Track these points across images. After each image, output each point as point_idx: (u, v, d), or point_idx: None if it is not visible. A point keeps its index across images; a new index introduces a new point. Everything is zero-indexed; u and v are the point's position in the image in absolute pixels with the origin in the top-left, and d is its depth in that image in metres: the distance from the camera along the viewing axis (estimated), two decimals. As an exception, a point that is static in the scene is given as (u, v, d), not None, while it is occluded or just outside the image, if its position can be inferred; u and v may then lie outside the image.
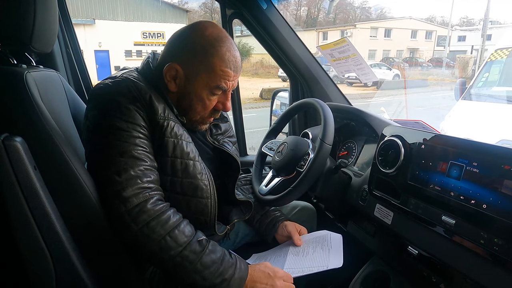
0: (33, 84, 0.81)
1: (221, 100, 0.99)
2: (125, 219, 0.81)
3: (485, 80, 4.19)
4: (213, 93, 0.96)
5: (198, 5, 32.28)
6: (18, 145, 0.71)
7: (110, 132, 0.84)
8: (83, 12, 17.35)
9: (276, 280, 0.91)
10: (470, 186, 0.80)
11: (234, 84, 0.98)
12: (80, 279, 0.79)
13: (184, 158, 0.92)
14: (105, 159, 0.83)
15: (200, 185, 0.95)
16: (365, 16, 39.03)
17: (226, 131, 1.16)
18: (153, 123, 0.89)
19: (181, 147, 0.92)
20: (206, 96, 0.96)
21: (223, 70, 0.93)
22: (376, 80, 1.87)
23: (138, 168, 0.84)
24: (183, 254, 0.83)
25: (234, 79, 0.97)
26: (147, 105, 0.88)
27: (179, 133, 0.92)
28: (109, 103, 0.86)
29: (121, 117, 0.84)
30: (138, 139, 0.86)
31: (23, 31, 0.81)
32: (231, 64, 0.94)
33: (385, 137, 1.06)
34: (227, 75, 0.94)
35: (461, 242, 0.81)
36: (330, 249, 1.06)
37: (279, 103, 2.02)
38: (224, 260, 0.88)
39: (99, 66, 16.23)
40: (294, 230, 1.13)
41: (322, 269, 0.97)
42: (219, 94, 0.97)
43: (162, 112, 0.90)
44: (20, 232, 0.73)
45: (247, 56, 24.50)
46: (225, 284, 0.85)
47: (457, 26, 36.09)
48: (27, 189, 0.72)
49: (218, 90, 0.96)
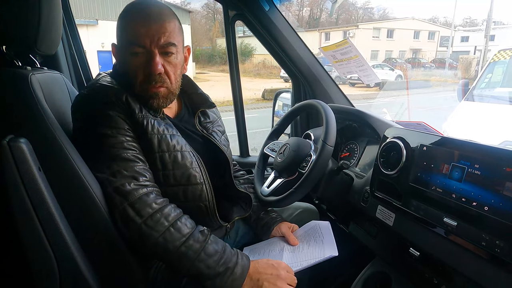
0: (37, 86, 0.82)
1: (147, 61, 0.91)
2: (129, 213, 0.83)
3: (488, 81, 4.18)
4: (132, 52, 0.91)
5: (201, 5, 32.37)
6: (23, 146, 0.72)
7: (97, 141, 0.87)
8: (86, 13, 17.41)
9: (280, 270, 0.93)
10: (472, 188, 0.80)
11: (155, 40, 0.89)
12: (84, 279, 0.80)
13: (171, 151, 0.95)
14: (98, 166, 0.86)
15: (192, 173, 0.98)
16: (368, 17, 38.99)
17: (215, 120, 1.17)
18: (134, 124, 0.91)
19: (166, 141, 0.94)
20: (128, 59, 0.92)
21: (129, 23, 0.91)
22: (378, 82, 1.87)
23: (132, 169, 0.87)
24: (187, 244, 0.86)
25: (149, 33, 0.89)
26: (125, 107, 0.91)
27: (161, 129, 0.95)
28: (90, 113, 0.89)
29: (104, 124, 0.87)
30: (125, 143, 0.89)
31: (28, 33, 0.82)
32: (134, 16, 0.91)
33: (387, 139, 1.06)
34: (135, 29, 0.89)
35: (463, 244, 0.81)
36: (323, 239, 1.08)
37: (281, 104, 2.02)
38: (227, 250, 0.91)
39: (102, 66, 16.26)
40: (288, 231, 1.14)
41: (319, 260, 0.99)
42: (141, 53, 0.91)
43: (140, 111, 0.92)
44: (25, 232, 0.74)
45: (249, 57, 24.51)
46: (229, 272, 0.87)
47: (460, 27, 35.98)
48: (32, 189, 0.73)
49: (134, 47, 0.90)
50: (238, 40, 1.69)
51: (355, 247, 1.21)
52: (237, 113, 1.79)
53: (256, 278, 0.90)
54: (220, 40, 27.94)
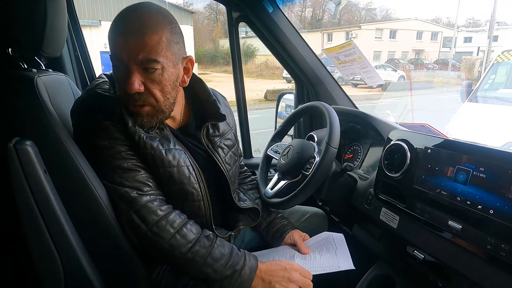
0: (43, 88, 0.83)
1: (125, 75, 0.83)
2: (135, 220, 0.84)
3: (492, 82, 4.17)
4: (113, 64, 0.85)
5: (203, 6, 32.41)
6: (28, 149, 0.72)
7: (96, 152, 0.86)
8: (89, 14, 17.49)
9: (292, 273, 0.92)
10: (477, 191, 0.80)
11: (133, 54, 0.80)
12: (88, 280, 0.80)
13: (166, 167, 0.91)
14: (102, 175, 0.86)
15: (189, 189, 0.95)
16: (370, 17, 38.90)
17: (225, 132, 1.09)
18: (127, 136, 0.88)
19: (160, 157, 0.90)
20: (113, 70, 0.87)
21: (110, 33, 0.83)
22: (381, 83, 1.86)
23: (134, 179, 0.87)
24: (193, 250, 0.86)
25: (127, 46, 0.80)
26: (119, 119, 0.88)
27: (154, 144, 0.90)
28: (86, 123, 0.87)
29: (101, 135, 0.86)
30: (123, 153, 0.87)
31: (34, 35, 0.82)
32: (115, 25, 0.82)
33: (391, 141, 1.06)
34: (114, 42, 0.82)
35: (468, 247, 0.80)
36: (336, 250, 1.07)
37: (284, 105, 2.02)
38: (233, 253, 0.91)
39: (105, 67, 16.30)
40: (300, 239, 1.13)
41: (334, 269, 0.98)
42: (120, 66, 0.83)
43: (132, 126, 0.88)
44: (30, 234, 0.74)
45: (251, 57, 24.52)
46: (236, 275, 0.87)
47: (463, 27, 35.80)
48: (37, 191, 0.73)
49: (114, 60, 0.84)
50: (241, 41, 1.69)
51: (359, 249, 1.21)
52: (240, 114, 1.80)
53: (268, 280, 0.90)
54: (223, 41, 27.98)
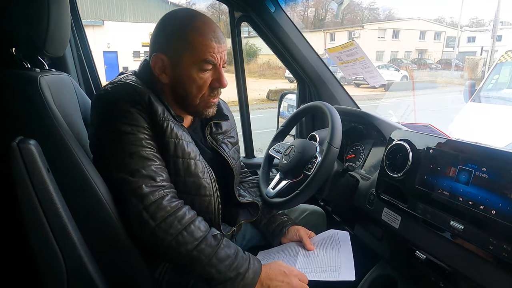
0: (46, 88, 0.83)
1: (214, 77, 0.96)
2: (143, 216, 0.84)
3: (495, 82, 4.15)
4: (202, 69, 0.93)
5: (206, 6, 32.44)
6: (32, 148, 0.72)
7: (116, 137, 0.86)
8: (92, 13, 17.56)
9: (292, 278, 0.92)
10: (479, 192, 0.80)
11: (222, 57, 0.95)
12: (91, 279, 0.80)
13: (186, 157, 0.94)
14: (116, 163, 0.86)
15: (202, 183, 0.97)
16: (373, 17, 38.81)
17: (227, 131, 1.14)
18: (154, 124, 0.91)
19: (182, 147, 0.93)
20: (196, 75, 0.93)
21: (203, 43, 0.91)
22: (384, 83, 1.86)
23: (150, 168, 0.87)
24: (199, 248, 0.86)
25: (219, 50, 0.93)
26: (147, 107, 0.90)
27: (179, 134, 0.94)
28: (111, 109, 0.88)
29: (124, 121, 0.87)
30: (144, 141, 0.88)
31: (37, 35, 0.83)
32: (209, 35, 0.91)
33: (393, 141, 1.06)
34: (210, 48, 0.91)
35: (470, 248, 0.80)
36: (339, 248, 1.08)
37: (286, 105, 2.02)
38: (239, 255, 0.91)
39: (108, 67, 16.38)
40: (306, 236, 1.14)
41: (334, 278, 0.96)
42: (210, 69, 0.94)
43: (162, 113, 0.92)
44: (33, 233, 0.75)
45: (254, 57, 24.50)
46: (240, 278, 0.88)
47: (467, 27, 35.62)
48: (41, 190, 0.73)
49: (206, 64, 0.93)
50: (243, 40, 1.70)
51: (360, 249, 1.21)
52: (242, 114, 1.80)
53: (267, 285, 0.90)
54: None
